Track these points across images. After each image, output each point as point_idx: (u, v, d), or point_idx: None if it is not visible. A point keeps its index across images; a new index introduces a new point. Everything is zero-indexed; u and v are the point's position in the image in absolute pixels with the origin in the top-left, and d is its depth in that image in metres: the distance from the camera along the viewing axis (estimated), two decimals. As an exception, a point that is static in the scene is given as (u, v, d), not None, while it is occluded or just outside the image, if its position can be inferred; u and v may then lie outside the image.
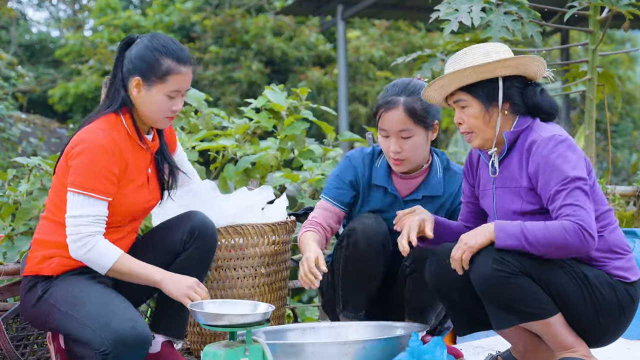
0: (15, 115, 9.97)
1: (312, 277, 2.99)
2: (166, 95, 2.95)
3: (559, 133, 2.76)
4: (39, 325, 3.01)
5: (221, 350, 2.61)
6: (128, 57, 2.97)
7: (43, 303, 2.92)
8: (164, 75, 2.93)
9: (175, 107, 2.98)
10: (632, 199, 5.40)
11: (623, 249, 2.82)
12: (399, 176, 3.32)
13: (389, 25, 15.42)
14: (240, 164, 4.71)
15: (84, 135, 2.90)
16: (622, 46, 16.89)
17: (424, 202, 3.29)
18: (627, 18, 4.77)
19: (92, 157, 2.86)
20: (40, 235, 2.99)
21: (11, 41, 16.71)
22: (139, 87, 2.94)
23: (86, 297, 2.87)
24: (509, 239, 2.67)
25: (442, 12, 4.51)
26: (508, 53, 2.83)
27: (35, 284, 2.94)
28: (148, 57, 2.93)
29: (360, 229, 3.18)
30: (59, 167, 2.98)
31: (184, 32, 15.67)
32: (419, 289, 3.20)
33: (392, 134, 3.19)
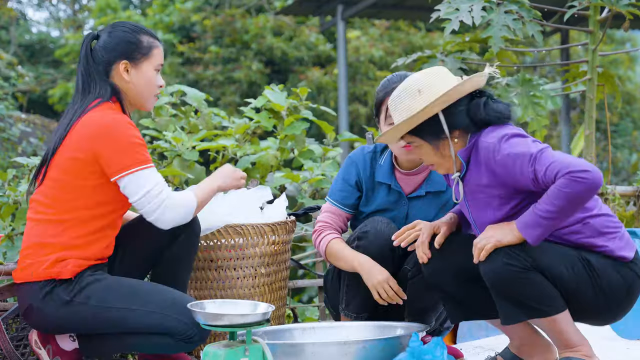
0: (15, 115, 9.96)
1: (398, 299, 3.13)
2: (154, 70, 3.04)
3: (504, 132, 2.75)
4: (69, 329, 2.97)
5: (221, 350, 2.61)
6: (101, 48, 3.02)
7: (78, 307, 2.89)
8: (148, 50, 3.03)
9: (160, 83, 3.08)
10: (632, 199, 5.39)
11: (613, 227, 2.81)
12: (402, 173, 3.31)
13: (389, 25, 15.41)
14: (240, 164, 4.72)
15: (103, 120, 2.89)
16: (622, 46, 16.88)
17: (428, 198, 3.30)
18: (627, 18, 4.77)
19: (128, 133, 2.89)
20: (41, 238, 2.93)
21: (11, 41, 16.71)
22: (127, 70, 3.01)
23: (140, 288, 2.92)
24: (535, 230, 2.66)
25: (443, 12, 4.51)
26: (441, 82, 2.79)
27: (53, 289, 2.90)
28: (128, 38, 3.01)
29: (373, 233, 3.17)
30: (65, 162, 2.91)
31: (184, 32, 15.67)
32: (421, 292, 3.20)
33: None
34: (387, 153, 3.35)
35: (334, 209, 3.35)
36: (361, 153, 3.38)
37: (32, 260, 2.93)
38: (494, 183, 2.77)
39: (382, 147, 3.38)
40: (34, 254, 2.94)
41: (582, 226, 2.77)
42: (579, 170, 2.58)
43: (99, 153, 2.87)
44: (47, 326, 2.98)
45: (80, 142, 2.89)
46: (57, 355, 3.00)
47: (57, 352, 3.00)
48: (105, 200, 2.94)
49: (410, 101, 2.78)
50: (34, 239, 2.95)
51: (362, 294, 3.20)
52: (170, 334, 2.88)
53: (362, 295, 3.20)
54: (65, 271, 2.90)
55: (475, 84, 2.82)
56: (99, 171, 2.91)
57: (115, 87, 3.00)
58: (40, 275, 2.91)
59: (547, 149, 2.68)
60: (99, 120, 2.89)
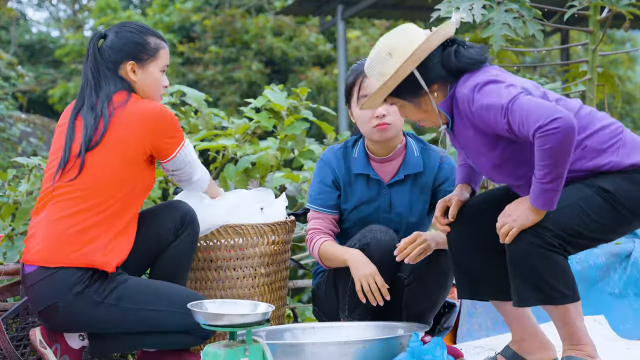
0: (15, 115, 9.96)
1: (379, 297, 3.11)
2: (160, 71, 3.11)
3: (476, 81, 2.73)
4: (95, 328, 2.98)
5: (221, 350, 2.61)
6: (108, 48, 3.06)
7: (108, 308, 2.91)
8: (155, 51, 3.09)
9: (165, 83, 3.16)
10: (632, 199, 5.39)
11: (611, 139, 2.76)
12: (378, 161, 3.31)
13: (389, 25, 15.41)
14: (240, 164, 4.72)
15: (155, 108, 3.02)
16: (622, 46, 16.89)
17: (408, 182, 3.30)
18: (627, 18, 4.77)
19: (171, 116, 3.07)
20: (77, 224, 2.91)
21: (11, 41, 16.71)
22: (134, 70, 3.07)
23: (163, 289, 2.99)
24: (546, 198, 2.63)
25: (443, 11, 4.51)
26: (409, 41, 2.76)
27: (84, 290, 2.89)
28: (136, 39, 3.07)
29: (374, 244, 3.16)
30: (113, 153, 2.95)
31: (184, 32, 15.67)
32: (417, 299, 3.21)
33: None
34: (359, 145, 3.35)
35: (319, 214, 3.35)
36: (331, 152, 3.38)
37: (71, 244, 2.89)
38: (478, 133, 2.76)
39: (352, 141, 3.38)
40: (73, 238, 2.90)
41: (581, 152, 2.74)
42: (548, 122, 2.54)
43: (156, 141, 3.01)
44: (69, 326, 2.97)
45: (135, 132, 2.96)
46: (65, 354, 3.00)
47: (66, 351, 2.99)
48: (147, 186, 3.07)
49: (382, 66, 2.78)
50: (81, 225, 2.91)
51: (365, 303, 3.18)
52: (190, 332, 2.97)
53: (365, 303, 3.18)
54: (108, 265, 2.91)
55: (444, 35, 2.79)
56: (147, 158, 3.03)
57: (127, 80, 3.07)
58: (80, 261, 2.89)
59: (519, 97, 2.63)
60: (151, 109, 3.01)
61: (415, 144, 3.36)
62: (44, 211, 2.96)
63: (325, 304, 3.36)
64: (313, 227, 3.34)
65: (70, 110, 3.08)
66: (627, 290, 3.96)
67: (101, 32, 3.12)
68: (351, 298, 3.19)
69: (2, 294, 3.32)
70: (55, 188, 2.95)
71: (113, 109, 2.97)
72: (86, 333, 3.04)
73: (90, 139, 2.94)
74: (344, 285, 3.22)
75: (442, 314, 3.58)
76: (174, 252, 3.12)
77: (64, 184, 2.94)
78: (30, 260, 2.94)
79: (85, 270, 2.91)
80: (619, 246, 4.09)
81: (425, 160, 3.33)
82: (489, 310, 3.73)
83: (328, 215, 3.35)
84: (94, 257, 2.90)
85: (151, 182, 3.09)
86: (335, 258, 3.22)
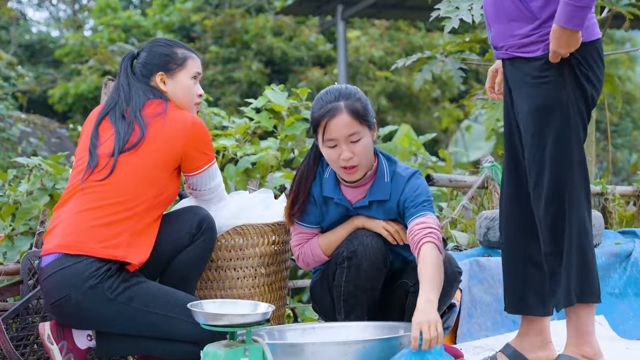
0: (15, 115, 9.96)
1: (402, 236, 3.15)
2: (191, 79, 3.22)
3: None
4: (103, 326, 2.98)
5: (221, 350, 2.61)
6: (139, 64, 3.22)
7: (119, 306, 2.93)
8: (183, 61, 3.21)
9: (199, 92, 3.26)
10: (632, 199, 5.40)
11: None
12: (346, 185, 3.24)
13: (389, 25, 15.42)
14: (240, 164, 4.72)
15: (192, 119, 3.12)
16: (622, 46, 16.88)
17: (373, 207, 3.23)
18: (627, 18, 4.77)
19: (207, 132, 3.18)
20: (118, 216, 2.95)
21: (11, 41, 16.70)
22: (164, 81, 3.19)
23: (178, 297, 3.00)
24: (580, 20, 2.70)
25: (443, 10, 4.51)
26: None
27: (100, 281, 2.90)
28: (164, 51, 3.21)
29: (361, 250, 3.13)
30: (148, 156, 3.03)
31: (184, 32, 15.67)
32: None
33: (341, 141, 3.09)
34: (329, 167, 3.26)
35: (303, 229, 3.30)
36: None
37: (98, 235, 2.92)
38: None
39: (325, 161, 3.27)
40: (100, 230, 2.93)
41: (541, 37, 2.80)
42: None
43: (187, 149, 3.10)
44: (79, 321, 2.97)
45: (170, 138, 3.06)
46: (71, 353, 3.00)
47: (72, 350, 2.99)
48: (172, 192, 3.12)
49: None
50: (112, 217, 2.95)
51: (362, 303, 3.18)
52: (199, 343, 2.95)
53: (361, 303, 3.18)
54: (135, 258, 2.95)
55: None
56: (177, 166, 3.12)
57: (160, 91, 3.18)
58: (104, 252, 2.91)
59: None
60: (187, 117, 3.12)
61: (387, 167, 3.24)
62: (69, 203, 3.00)
63: (321, 304, 3.36)
64: (297, 242, 3.31)
65: (96, 114, 3.17)
66: (627, 290, 3.96)
67: (133, 53, 3.26)
68: (346, 302, 3.18)
69: (2, 294, 3.32)
70: (84, 185, 3.00)
71: (147, 118, 3.07)
72: (94, 334, 3.03)
73: (125, 142, 3.02)
74: (338, 291, 3.20)
75: (442, 314, 3.58)
76: (187, 256, 3.12)
77: (93, 183, 3.00)
78: (51, 249, 2.95)
79: (105, 263, 2.91)
80: (619, 246, 4.10)
81: (394, 187, 3.21)
82: (489, 310, 3.73)
83: (311, 231, 3.30)
84: (117, 250, 2.93)
85: (176, 192, 3.16)
86: (338, 238, 3.20)
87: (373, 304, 3.24)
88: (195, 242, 3.13)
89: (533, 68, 2.81)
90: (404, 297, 3.23)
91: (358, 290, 3.16)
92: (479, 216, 4.24)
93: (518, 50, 2.85)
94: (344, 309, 3.19)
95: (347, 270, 3.15)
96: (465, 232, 4.66)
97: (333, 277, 3.22)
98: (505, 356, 3.00)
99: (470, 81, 14.79)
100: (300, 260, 3.32)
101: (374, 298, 3.22)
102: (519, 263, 2.98)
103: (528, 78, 2.82)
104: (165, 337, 3.00)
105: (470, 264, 3.81)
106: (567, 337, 2.85)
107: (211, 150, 3.19)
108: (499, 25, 2.89)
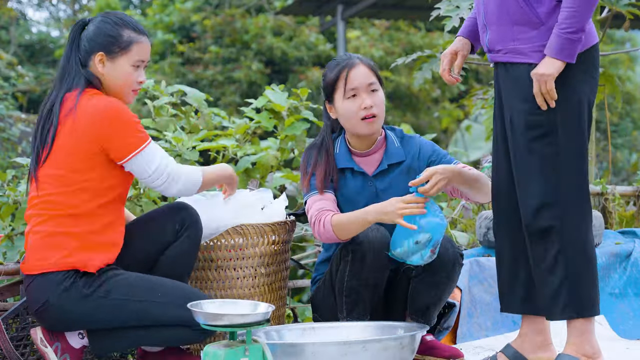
0: (15, 115, 9.95)
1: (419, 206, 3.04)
2: (132, 66, 3.03)
3: None
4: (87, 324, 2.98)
5: (221, 350, 2.61)
6: (85, 37, 3.04)
7: (98, 301, 2.91)
8: (127, 45, 3.02)
9: (140, 79, 3.07)
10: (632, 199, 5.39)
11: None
12: (360, 155, 3.33)
13: (389, 25, 15.41)
14: (240, 164, 4.72)
15: (102, 104, 2.92)
16: (622, 46, 16.87)
17: (391, 171, 3.31)
18: (627, 18, 4.77)
19: (128, 114, 2.96)
20: (62, 228, 2.94)
21: (11, 41, 16.70)
22: (102, 62, 3.02)
23: (158, 282, 2.97)
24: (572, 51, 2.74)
25: (443, 9, 4.51)
26: None
27: (72, 284, 2.91)
28: (109, 30, 3.02)
29: (366, 242, 3.12)
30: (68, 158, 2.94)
31: (184, 32, 15.66)
32: (425, 289, 3.20)
33: (361, 89, 3.24)
34: (339, 141, 3.36)
35: (321, 195, 3.26)
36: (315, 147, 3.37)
37: (50, 250, 2.93)
38: None
39: (333, 137, 3.37)
40: (50, 245, 2.93)
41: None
42: None
43: (105, 137, 2.92)
44: (64, 323, 2.97)
45: (83, 131, 2.92)
46: (66, 353, 2.99)
47: (66, 350, 2.99)
48: (114, 184, 2.99)
49: None
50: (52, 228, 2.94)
51: (364, 299, 3.18)
52: (188, 325, 2.92)
53: (363, 300, 3.18)
54: (91, 265, 2.92)
55: None
56: (105, 157, 2.95)
57: (91, 77, 3.01)
58: (61, 265, 2.91)
59: None
60: (98, 105, 2.93)
61: (393, 135, 3.38)
62: (29, 222, 3.04)
63: (323, 308, 3.35)
64: (317, 209, 3.22)
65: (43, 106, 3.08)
66: (627, 290, 3.96)
67: (84, 20, 3.10)
68: (348, 299, 3.19)
69: (2, 294, 3.32)
70: (29, 203, 3.04)
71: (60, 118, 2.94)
72: (85, 332, 3.03)
73: (37, 157, 2.97)
74: (340, 286, 3.21)
75: (442, 314, 3.59)
76: (174, 252, 3.11)
77: (32, 200, 3.02)
78: (22, 268, 3.03)
79: (68, 271, 2.93)
80: (619, 246, 4.09)
81: (406, 149, 3.35)
82: (489, 310, 3.73)
83: (330, 195, 3.27)
84: (72, 258, 2.92)
85: (126, 180, 3.03)
86: (354, 222, 3.12)
87: (376, 303, 3.25)
88: (180, 238, 3.11)
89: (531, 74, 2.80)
90: (406, 286, 3.24)
91: (361, 286, 3.15)
92: (479, 216, 4.24)
93: (517, 56, 2.83)
94: (346, 306, 3.19)
95: (351, 263, 3.15)
96: (465, 232, 4.66)
97: (336, 274, 3.23)
98: (506, 356, 3.00)
99: (470, 81, 14.78)
100: (315, 228, 3.24)
101: (377, 296, 3.22)
102: (521, 264, 2.97)
103: (526, 82, 2.80)
104: (153, 323, 2.96)
105: (470, 264, 3.81)
106: (567, 336, 2.85)
107: (137, 132, 2.95)
108: (499, 27, 2.86)
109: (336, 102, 3.29)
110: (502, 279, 3.02)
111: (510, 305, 3.01)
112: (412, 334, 2.84)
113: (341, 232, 3.15)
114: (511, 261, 2.98)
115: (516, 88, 2.83)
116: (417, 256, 3.02)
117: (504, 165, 2.96)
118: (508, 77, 2.87)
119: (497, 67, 2.93)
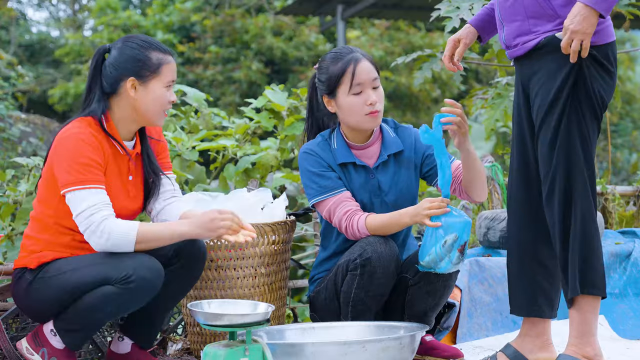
0: (15, 115, 9.95)
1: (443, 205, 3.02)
2: (164, 87, 3.03)
3: None
4: (36, 309, 3.00)
5: (221, 350, 2.61)
6: (109, 64, 3.02)
7: (36, 284, 2.94)
8: (157, 68, 3.01)
9: (172, 99, 3.07)
10: (632, 199, 5.40)
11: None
12: (358, 149, 3.31)
13: (389, 25, 15.42)
14: (240, 164, 4.72)
15: (63, 134, 2.96)
16: (622, 46, 16.87)
17: (391, 162, 3.30)
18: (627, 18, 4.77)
19: (77, 151, 2.90)
20: (29, 231, 3.06)
21: (11, 41, 16.71)
22: (134, 87, 3.00)
23: (89, 256, 2.94)
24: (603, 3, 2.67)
25: (443, 10, 4.51)
26: None
27: (23, 274, 2.99)
28: (136, 55, 3.00)
29: (375, 258, 3.10)
30: (44, 174, 3.04)
31: (184, 32, 15.67)
32: (422, 297, 3.19)
33: (367, 85, 3.22)
34: (335, 136, 3.33)
35: (337, 197, 3.24)
36: (315, 145, 3.34)
37: (20, 250, 3.06)
38: None
39: (327, 133, 3.36)
40: (22, 245, 3.06)
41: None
42: None
43: (53, 166, 2.95)
44: (30, 313, 3.05)
45: (49, 156, 3.00)
46: (53, 356, 2.98)
47: (53, 353, 2.98)
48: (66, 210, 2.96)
49: None
50: (26, 231, 3.09)
51: (370, 309, 3.17)
52: (107, 282, 2.84)
53: (369, 309, 3.16)
54: (35, 261, 2.98)
55: None
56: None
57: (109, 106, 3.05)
58: (17, 263, 3.04)
59: None
60: (60, 135, 2.97)
61: (387, 126, 3.38)
62: None
63: (324, 311, 3.32)
64: (345, 210, 3.20)
65: None
66: (627, 290, 3.96)
67: (105, 47, 3.07)
68: (355, 309, 3.17)
69: (2, 294, 3.32)
70: None
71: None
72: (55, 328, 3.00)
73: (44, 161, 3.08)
74: (346, 297, 3.17)
75: (442, 314, 3.58)
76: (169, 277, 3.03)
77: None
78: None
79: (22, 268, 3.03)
80: (619, 246, 4.09)
81: (402, 138, 3.35)
82: (489, 310, 3.73)
83: (346, 194, 3.25)
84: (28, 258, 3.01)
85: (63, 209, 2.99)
86: (389, 226, 3.14)
87: (380, 309, 3.24)
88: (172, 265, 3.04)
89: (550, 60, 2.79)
90: (404, 293, 3.23)
91: (368, 297, 3.14)
92: (479, 216, 4.24)
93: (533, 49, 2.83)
94: (352, 314, 3.18)
95: (360, 277, 3.12)
96: (465, 232, 4.65)
97: (341, 283, 3.22)
98: (506, 356, 3.00)
99: (470, 81, 14.79)
100: (346, 229, 3.22)
101: (381, 303, 3.22)
102: (531, 267, 2.97)
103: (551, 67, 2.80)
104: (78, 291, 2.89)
105: (470, 264, 3.81)
106: (569, 336, 2.84)
107: (78, 173, 2.88)
108: (515, 22, 2.86)
109: (339, 97, 3.25)
110: (511, 282, 3.02)
111: (519, 307, 3.01)
112: (412, 334, 2.84)
113: (377, 232, 3.19)
114: (520, 263, 2.98)
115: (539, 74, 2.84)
116: (446, 260, 2.99)
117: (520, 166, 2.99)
118: (529, 65, 2.86)
119: (516, 62, 2.94)
